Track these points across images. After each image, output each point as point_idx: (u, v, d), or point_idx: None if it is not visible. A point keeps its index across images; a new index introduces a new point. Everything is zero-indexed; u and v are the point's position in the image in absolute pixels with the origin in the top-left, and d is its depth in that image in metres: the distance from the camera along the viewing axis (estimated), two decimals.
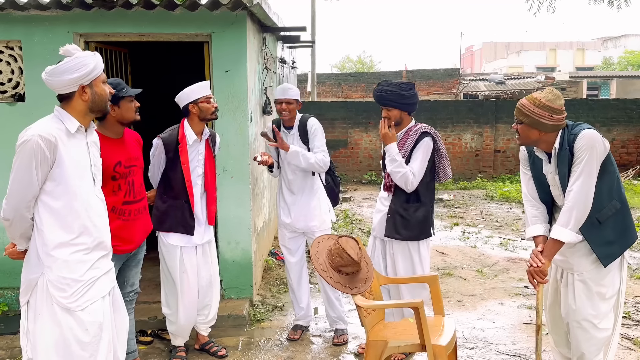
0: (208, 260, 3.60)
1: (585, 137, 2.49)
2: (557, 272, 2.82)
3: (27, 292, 2.24)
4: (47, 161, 2.16)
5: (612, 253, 2.56)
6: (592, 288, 2.59)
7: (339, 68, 43.09)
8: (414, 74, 22.40)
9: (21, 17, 4.08)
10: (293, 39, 6.77)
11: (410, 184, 3.37)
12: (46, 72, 2.24)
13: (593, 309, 2.59)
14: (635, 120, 12.11)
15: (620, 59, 39.05)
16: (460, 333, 3.99)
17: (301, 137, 3.82)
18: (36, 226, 2.23)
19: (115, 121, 2.96)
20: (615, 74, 26.24)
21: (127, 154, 3.02)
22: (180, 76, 6.29)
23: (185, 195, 3.43)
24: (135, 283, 3.23)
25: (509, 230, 7.46)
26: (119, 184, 2.94)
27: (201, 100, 3.39)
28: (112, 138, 2.96)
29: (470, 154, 12.15)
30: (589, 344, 2.62)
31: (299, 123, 3.84)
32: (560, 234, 2.54)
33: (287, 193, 3.91)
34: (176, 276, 3.46)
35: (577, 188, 2.48)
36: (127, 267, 3.14)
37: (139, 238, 3.09)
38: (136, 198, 3.06)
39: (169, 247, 3.46)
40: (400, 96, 3.40)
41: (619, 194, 2.58)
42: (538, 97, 2.55)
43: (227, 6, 3.93)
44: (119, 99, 2.92)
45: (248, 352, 3.77)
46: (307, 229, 3.85)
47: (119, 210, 2.94)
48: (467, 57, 54.31)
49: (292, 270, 3.99)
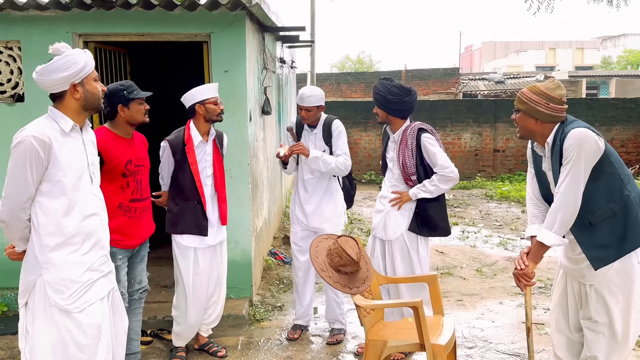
0: (219, 260, 3.61)
1: (574, 136, 2.38)
2: (567, 278, 2.69)
3: (26, 294, 2.23)
4: (41, 162, 2.14)
5: (605, 257, 2.43)
6: (605, 297, 2.46)
7: (338, 68, 43.06)
8: (413, 74, 22.38)
9: (20, 17, 4.08)
10: (292, 39, 6.76)
11: (346, 167, 3.70)
12: (37, 71, 2.23)
13: (608, 317, 2.47)
14: (634, 120, 12.11)
15: (620, 58, 39.05)
16: (459, 332, 4.00)
17: (324, 138, 3.81)
18: (33, 227, 2.21)
19: (125, 122, 3.04)
20: (615, 74, 26.22)
21: (137, 153, 3.11)
22: (179, 76, 6.31)
23: (196, 196, 3.43)
24: (143, 280, 3.25)
25: (508, 230, 7.47)
26: (127, 182, 3.02)
27: (208, 101, 3.40)
28: (123, 137, 3.05)
29: (469, 154, 12.15)
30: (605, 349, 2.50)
31: (323, 123, 3.82)
32: (543, 236, 2.47)
33: (302, 191, 3.91)
34: (189, 278, 3.46)
35: (563, 189, 2.41)
36: (132, 264, 3.16)
37: (142, 235, 3.14)
38: (143, 196, 3.13)
39: (183, 249, 3.46)
40: (386, 100, 3.42)
41: (621, 196, 2.43)
42: (537, 85, 2.53)
43: (226, 6, 3.93)
44: (129, 100, 2.99)
45: (247, 352, 3.77)
46: (320, 230, 3.83)
47: (126, 207, 3.01)
48: (467, 56, 54.32)
49: (301, 269, 3.98)
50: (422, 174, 3.45)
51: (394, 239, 3.52)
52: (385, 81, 3.47)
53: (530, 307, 2.67)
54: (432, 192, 3.42)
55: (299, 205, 3.92)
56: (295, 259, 4.04)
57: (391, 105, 3.42)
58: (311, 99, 3.71)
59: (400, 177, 3.53)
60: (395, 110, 3.44)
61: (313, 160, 3.68)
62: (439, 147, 3.44)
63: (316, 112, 3.76)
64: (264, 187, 5.35)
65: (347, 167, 3.76)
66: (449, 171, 3.39)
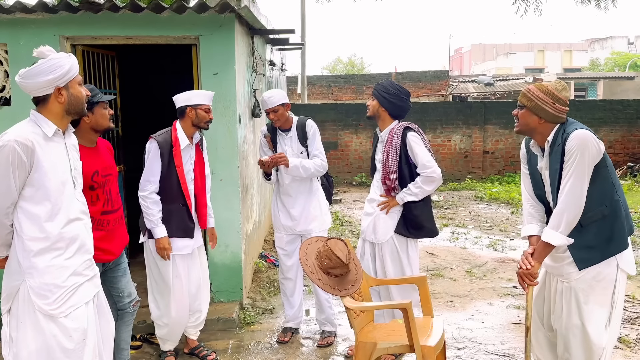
0: (198, 263, 3.59)
1: (577, 137, 2.42)
2: (546, 276, 2.75)
3: (9, 300, 2.20)
4: (24, 167, 2.12)
5: (590, 258, 2.49)
6: (579, 297, 2.52)
7: (329, 70, 43.16)
8: (403, 76, 22.50)
9: (7, 20, 4.04)
10: (282, 42, 6.77)
11: (324, 168, 3.76)
12: (20, 75, 2.20)
13: (580, 317, 2.52)
14: (621, 121, 12.25)
15: (607, 60, 39.51)
16: (449, 333, 4.01)
17: (300, 139, 3.82)
18: (16, 232, 2.19)
19: (89, 128, 2.86)
20: (602, 75, 26.51)
21: (103, 163, 2.92)
22: (166, 77, 6.30)
23: (182, 199, 3.40)
24: (132, 292, 3.16)
25: (498, 231, 7.51)
26: (97, 194, 2.84)
27: (201, 107, 3.39)
28: (86, 147, 2.83)
29: (459, 155, 12.22)
30: (578, 351, 2.55)
31: (297, 125, 3.84)
32: (550, 236, 2.50)
33: (285, 196, 3.90)
34: (169, 282, 3.44)
35: (567, 190, 2.44)
36: (115, 278, 3.06)
37: (117, 249, 2.99)
38: (114, 207, 2.96)
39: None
40: (386, 89, 3.48)
41: (611, 201, 2.49)
42: (545, 84, 2.57)
43: (215, 9, 3.93)
44: (93, 105, 2.82)
45: (238, 355, 3.76)
46: (306, 232, 3.84)
47: (97, 220, 2.82)
48: (456, 58, 54.65)
49: (289, 272, 3.98)
50: (406, 173, 3.45)
51: (384, 242, 3.53)
52: (390, 80, 3.59)
53: (531, 307, 2.68)
54: (417, 195, 3.43)
55: (284, 210, 3.91)
56: (282, 263, 4.03)
57: (388, 95, 3.46)
58: (272, 99, 3.73)
59: (381, 178, 3.54)
60: (389, 102, 3.47)
61: (293, 169, 3.70)
62: (424, 147, 3.45)
63: (283, 111, 3.76)
64: (254, 190, 5.34)
65: (325, 166, 3.81)
66: (430, 171, 3.40)
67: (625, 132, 12.28)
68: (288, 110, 3.83)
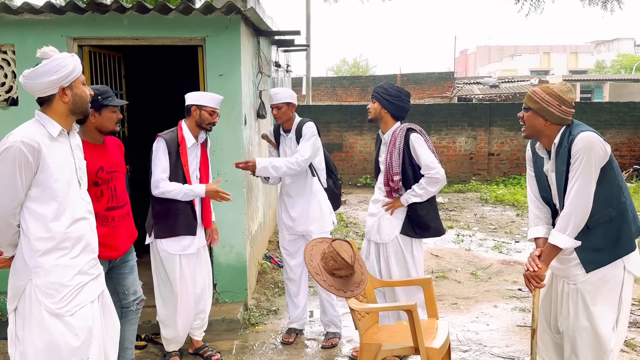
0: (203, 264, 3.61)
1: (583, 139, 2.41)
2: (553, 277, 2.74)
3: (15, 299, 2.21)
4: (31, 167, 2.13)
5: (597, 260, 2.48)
6: (586, 299, 2.51)
7: (334, 71, 43.14)
8: (408, 78, 22.47)
9: (14, 21, 4.07)
10: (287, 43, 6.78)
11: (298, 165, 3.63)
12: (24, 75, 2.20)
13: (588, 319, 2.51)
14: (627, 123, 12.19)
15: (613, 62, 39.35)
16: (454, 336, 4.00)
17: (297, 140, 3.83)
18: (22, 232, 2.20)
19: (94, 128, 2.88)
20: (608, 77, 26.38)
21: (109, 159, 2.94)
22: (174, 78, 6.31)
23: None
24: (137, 290, 3.17)
25: (503, 233, 7.49)
26: (101, 190, 2.87)
27: (206, 108, 3.42)
28: (92, 143, 2.87)
29: (464, 157, 12.19)
30: (585, 353, 2.54)
31: (297, 126, 3.84)
32: (557, 239, 2.49)
33: (286, 197, 3.92)
34: (175, 283, 3.45)
35: (574, 192, 2.43)
36: (122, 275, 3.08)
37: (123, 245, 3.01)
38: (119, 203, 2.98)
39: (166, 255, 3.43)
40: (385, 90, 3.49)
41: (618, 203, 2.48)
42: (551, 86, 2.56)
43: (221, 10, 3.94)
44: (102, 106, 2.84)
45: (242, 356, 3.76)
46: (307, 233, 3.85)
47: (102, 216, 2.84)
48: (462, 60, 54.54)
49: (292, 272, 3.99)
50: (410, 174, 3.45)
51: (389, 242, 3.53)
52: (389, 83, 3.60)
53: (538, 309, 2.67)
54: (421, 196, 3.42)
55: (285, 211, 3.93)
56: (285, 264, 4.04)
57: (390, 97, 3.47)
58: (278, 95, 3.76)
59: (383, 179, 3.53)
60: (390, 103, 3.47)
61: (262, 170, 3.67)
62: (427, 148, 3.44)
63: (287, 109, 3.78)
64: (259, 191, 5.35)
65: (299, 163, 3.66)
66: (434, 172, 3.39)
67: (632, 134, 12.21)
68: (293, 111, 3.84)
